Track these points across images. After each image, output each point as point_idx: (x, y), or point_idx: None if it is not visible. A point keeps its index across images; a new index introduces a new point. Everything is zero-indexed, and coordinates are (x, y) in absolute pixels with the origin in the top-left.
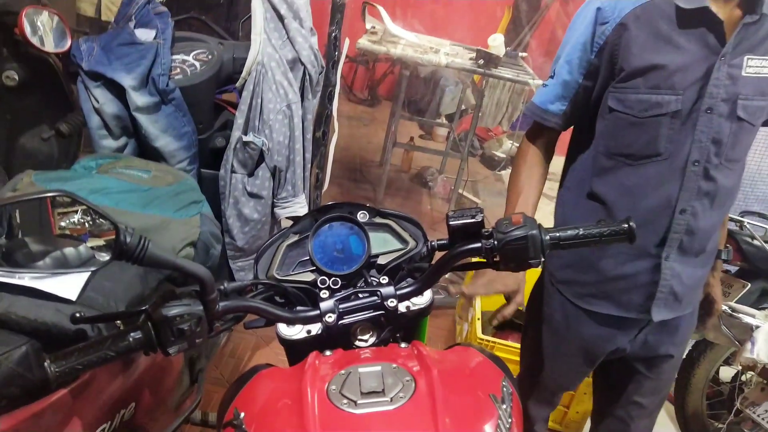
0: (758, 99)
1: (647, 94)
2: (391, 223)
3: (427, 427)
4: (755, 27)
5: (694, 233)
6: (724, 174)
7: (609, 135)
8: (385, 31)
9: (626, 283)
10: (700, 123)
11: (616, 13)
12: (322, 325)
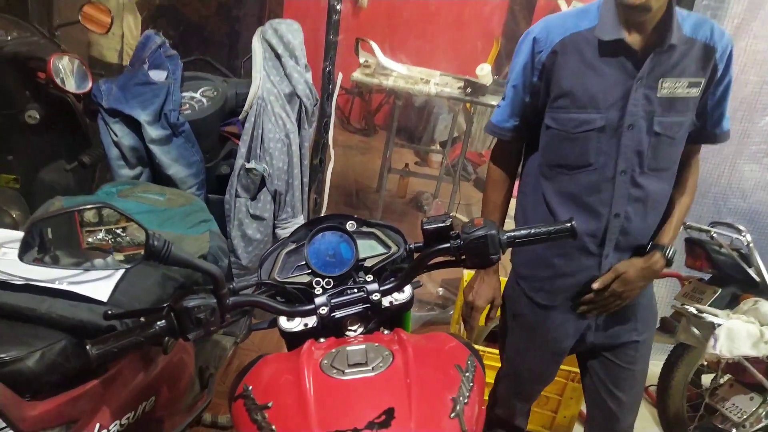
0: (672, 116)
1: (576, 113)
2: (376, 231)
3: (401, 388)
4: (666, 55)
5: (629, 234)
6: (651, 181)
7: (548, 148)
8: (377, 64)
9: (572, 279)
10: (625, 137)
11: (548, 43)
12: (317, 318)
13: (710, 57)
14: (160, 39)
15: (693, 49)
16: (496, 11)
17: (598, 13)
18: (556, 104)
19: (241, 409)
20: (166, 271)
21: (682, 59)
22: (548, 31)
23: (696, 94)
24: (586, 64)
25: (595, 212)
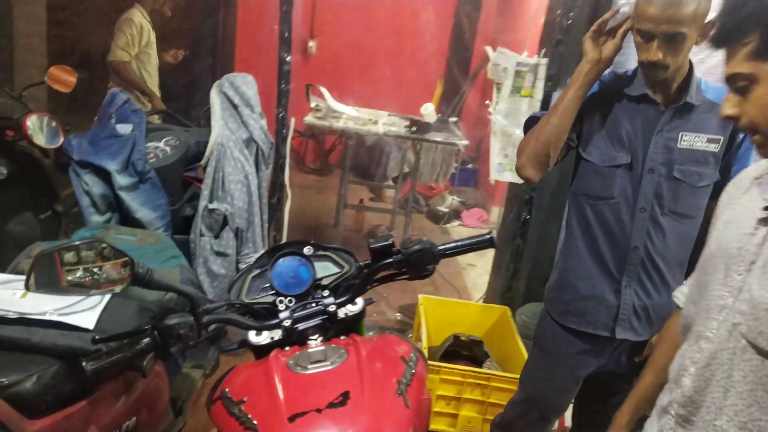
0: (692, 165)
1: (606, 149)
2: (330, 254)
3: (354, 376)
4: (686, 112)
5: (648, 268)
6: (671, 223)
7: (580, 175)
8: (327, 107)
9: (595, 303)
10: (645, 179)
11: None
12: (282, 330)
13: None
14: (124, 96)
15: (714, 111)
16: (437, 54)
17: (632, 75)
18: (590, 141)
19: (220, 408)
20: (142, 303)
21: (702, 118)
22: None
23: (716, 150)
24: (616, 112)
25: (616, 242)
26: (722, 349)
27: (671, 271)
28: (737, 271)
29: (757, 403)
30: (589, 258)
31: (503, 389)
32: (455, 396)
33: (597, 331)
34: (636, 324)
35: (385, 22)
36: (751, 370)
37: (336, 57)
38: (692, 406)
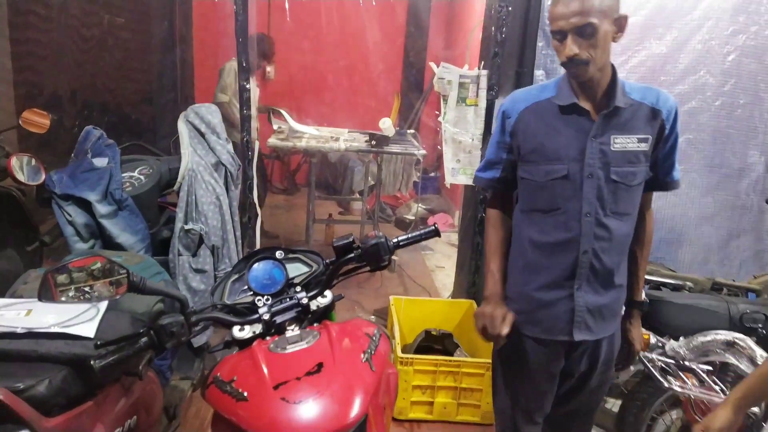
0: (626, 166)
1: (544, 165)
2: (300, 256)
3: (327, 350)
4: (615, 116)
5: (597, 270)
6: (614, 224)
7: (524, 195)
8: (289, 129)
9: (550, 310)
10: (585, 185)
11: (514, 111)
12: (262, 324)
13: (657, 117)
14: (98, 132)
15: (641, 111)
16: (391, 72)
17: (555, 87)
18: (528, 159)
19: (213, 390)
20: (133, 314)
21: (630, 119)
22: (514, 102)
23: (646, 148)
24: (549, 125)
25: (567, 249)
26: None
27: (617, 268)
28: None
29: None
30: (542, 269)
31: (473, 374)
32: (430, 385)
33: (556, 337)
34: (591, 324)
35: (339, 46)
36: None
37: (294, 81)
38: None
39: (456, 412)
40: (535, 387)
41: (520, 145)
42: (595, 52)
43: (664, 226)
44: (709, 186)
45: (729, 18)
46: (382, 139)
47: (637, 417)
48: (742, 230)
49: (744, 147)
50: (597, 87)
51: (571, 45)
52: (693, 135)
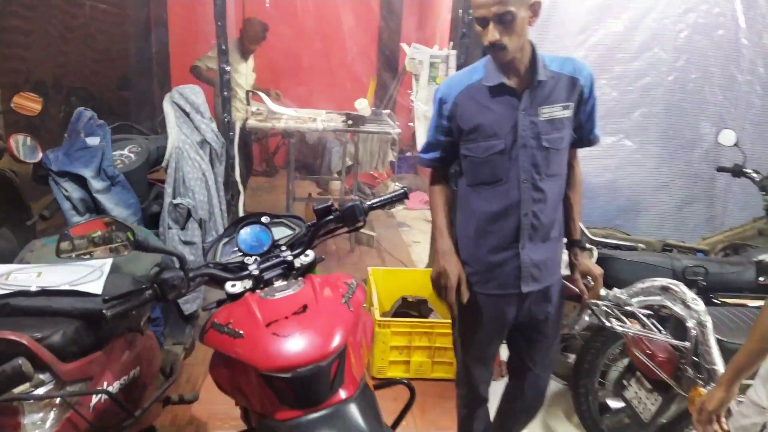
0: (554, 133)
1: (483, 142)
2: (284, 220)
3: (311, 295)
4: (539, 89)
5: (537, 228)
6: (548, 185)
7: (468, 171)
8: (268, 110)
9: (501, 269)
10: (521, 155)
11: (450, 97)
12: (252, 279)
13: (576, 85)
14: (89, 113)
15: (561, 81)
16: (366, 54)
17: (483, 69)
18: (468, 138)
19: (212, 333)
20: (134, 276)
21: (553, 90)
22: (449, 88)
23: (569, 114)
24: (482, 105)
25: (510, 214)
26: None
27: (553, 223)
28: None
29: None
30: (491, 234)
31: (446, 334)
32: (406, 345)
33: (507, 291)
34: (537, 275)
35: (315, 30)
36: None
37: (271, 64)
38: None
39: (431, 370)
40: (488, 336)
41: (460, 126)
42: (514, 40)
43: (622, 195)
44: (663, 156)
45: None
46: (359, 119)
47: (591, 365)
48: (695, 197)
49: (696, 119)
50: (520, 65)
51: (493, 31)
52: (648, 108)
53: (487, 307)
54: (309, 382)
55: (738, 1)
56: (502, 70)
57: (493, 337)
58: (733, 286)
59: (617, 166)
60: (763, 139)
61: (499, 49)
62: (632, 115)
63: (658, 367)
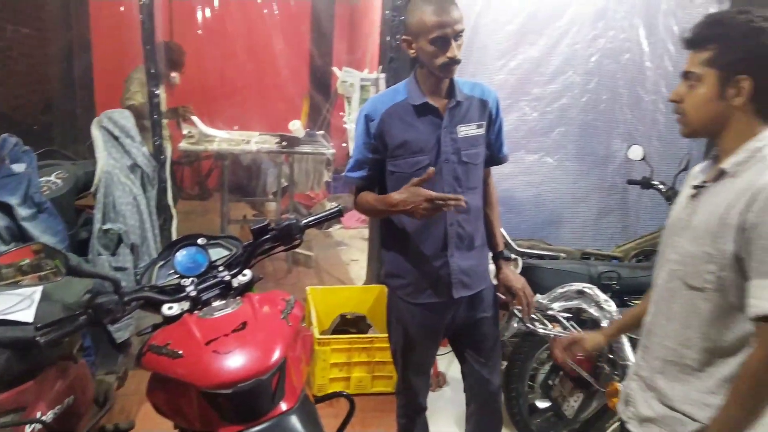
0: (472, 149)
1: (409, 158)
2: (220, 242)
3: (250, 312)
4: (457, 109)
5: (463, 238)
6: (469, 197)
7: (395, 186)
8: (200, 133)
9: (432, 278)
10: (444, 169)
11: (377, 114)
12: (189, 300)
13: (486, 107)
14: (14, 139)
15: (473, 103)
16: (299, 75)
17: (405, 90)
18: (394, 154)
19: (150, 355)
20: (64, 303)
21: (468, 110)
22: (375, 106)
23: (482, 132)
24: (408, 123)
25: (438, 225)
26: (665, 290)
27: (476, 232)
28: (676, 234)
29: (690, 326)
30: (420, 245)
31: (385, 348)
32: (346, 362)
33: (440, 299)
34: (466, 281)
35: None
36: (684, 301)
37: (201, 86)
38: (648, 335)
39: (371, 385)
40: (424, 345)
41: (387, 142)
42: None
43: (546, 209)
44: (580, 172)
45: (590, 24)
46: (293, 140)
47: (521, 369)
48: (610, 209)
49: (608, 137)
50: (442, 86)
51: (454, 48)
52: (565, 128)
53: (421, 317)
54: (250, 396)
55: (641, 28)
56: (424, 91)
57: (429, 345)
58: (644, 288)
59: (540, 181)
60: (668, 154)
61: (455, 64)
62: (551, 134)
63: (578, 366)
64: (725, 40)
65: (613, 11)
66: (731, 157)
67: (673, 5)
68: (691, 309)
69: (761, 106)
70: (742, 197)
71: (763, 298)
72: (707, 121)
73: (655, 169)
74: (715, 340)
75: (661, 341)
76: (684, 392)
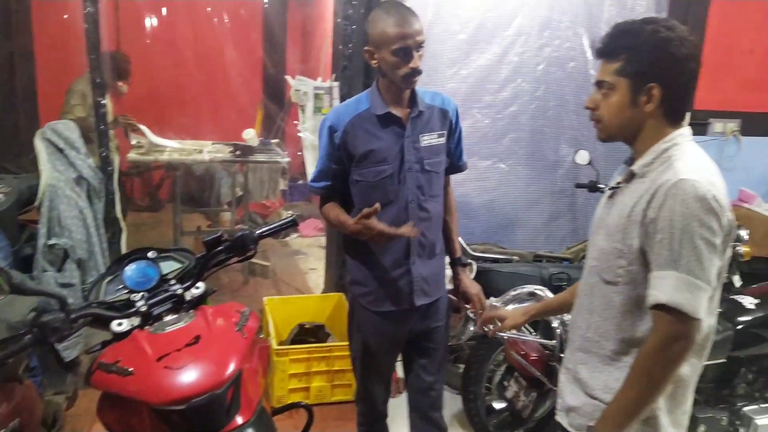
0: (434, 158)
1: (373, 167)
2: (172, 254)
3: (203, 326)
4: (419, 119)
5: (424, 246)
6: (431, 205)
7: (359, 195)
8: (149, 143)
9: (394, 286)
10: (408, 178)
11: (340, 125)
12: (139, 315)
13: (446, 116)
14: None
15: (434, 112)
16: (253, 83)
17: (367, 100)
18: (359, 164)
19: (99, 374)
20: (9, 323)
21: (430, 120)
22: (338, 117)
23: (443, 141)
24: (372, 133)
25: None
26: (587, 285)
27: (438, 241)
28: (595, 233)
29: (607, 318)
30: (384, 254)
31: (344, 356)
32: (305, 372)
33: (401, 306)
34: (426, 289)
35: (196, 60)
36: (601, 295)
37: (150, 95)
38: (573, 328)
39: (331, 394)
40: (385, 352)
41: (351, 152)
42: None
43: (499, 213)
44: (531, 177)
45: (537, 34)
46: (247, 149)
47: (478, 372)
48: (561, 212)
49: (556, 142)
50: (404, 96)
51: (416, 59)
52: (516, 134)
53: (383, 325)
54: (205, 411)
55: (585, 37)
56: (387, 101)
57: (390, 353)
58: None
59: (493, 187)
60: (612, 158)
61: (417, 74)
62: (503, 140)
63: (532, 365)
64: (634, 51)
65: (557, 21)
66: (640, 160)
67: (615, 14)
68: (607, 302)
69: (669, 110)
70: (645, 195)
71: (659, 288)
72: (622, 127)
73: (601, 173)
74: (628, 331)
75: (583, 333)
76: (603, 381)
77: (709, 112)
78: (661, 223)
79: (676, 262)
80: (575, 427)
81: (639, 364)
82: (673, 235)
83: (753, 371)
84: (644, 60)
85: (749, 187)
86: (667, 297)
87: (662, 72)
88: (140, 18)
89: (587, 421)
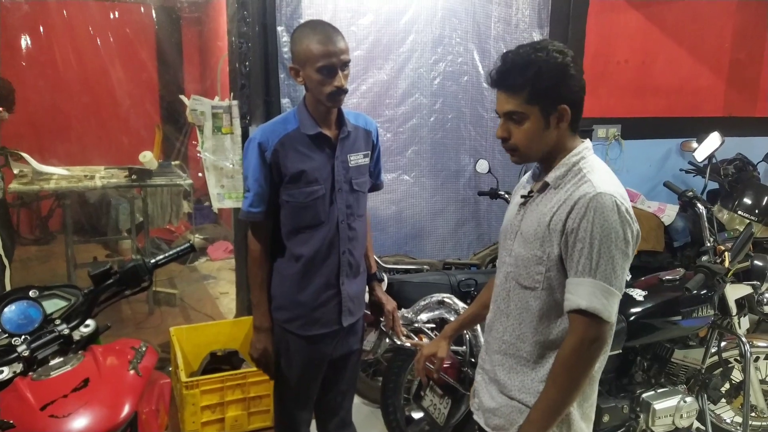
0: (361, 177)
1: (305, 187)
2: (56, 291)
3: (92, 367)
4: (347, 139)
5: (352, 265)
6: (358, 224)
7: (288, 216)
8: (33, 171)
9: (325, 308)
10: (338, 198)
11: (270, 143)
12: (21, 361)
13: (369, 136)
14: None
15: (359, 133)
16: (148, 104)
17: (295, 119)
18: (289, 184)
19: None
20: None
21: (356, 140)
22: (266, 135)
23: (368, 161)
24: (303, 153)
25: (332, 254)
26: (503, 289)
27: (362, 260)
28: (509, 238)
29: (524, 322)
30: (315, 276)
31: (260, 382)
32: (219, 402)
33: (330, 328)
34: (352, 308)
35: (82, 83)
36: (518, 299)
37: (33, 121)
38: (489, 331)
39: (248, 423)
40: (310, 376)
41: (282, 172)
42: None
43: (407, 224)
44: (435, 187)
45: (431, 49)
46: (144, 173)
47: (395, 383)
48: (466, 219)
49: (456, 153)
50: (332, 116)
51: (341, 78)
52: (418, 147)
53: (309, 350)
54: None
55: (475, 52)
56: (317, 120)
57: (315, 376)
58: None
59: (400, 199)
60: (510, 165)
61: (343, 93)
62: (406, 153)
63: (444, 373)
64: (537, 80)
65: (449, 38)
66: (553, 171)
67: (501, 31)
68: (524, 306)
69: (574, 124)
70: (564, 206)
71: (577, 294)
72: (539, 150)
73: (500, 180)
74: (545, 334)
75: (500, 336)
76: (521, 382)
77: (592, 119)
78: (582, 233)
79: (594, 271)
80: (492, 427)
81: (559, 365)
82: (593, 245)
83: (647, 359)
84: (549, 86)
85: (632, 187)
86: (585, 303)
87: (566, 92)
88: (16, 40)
89: (504, 423)
